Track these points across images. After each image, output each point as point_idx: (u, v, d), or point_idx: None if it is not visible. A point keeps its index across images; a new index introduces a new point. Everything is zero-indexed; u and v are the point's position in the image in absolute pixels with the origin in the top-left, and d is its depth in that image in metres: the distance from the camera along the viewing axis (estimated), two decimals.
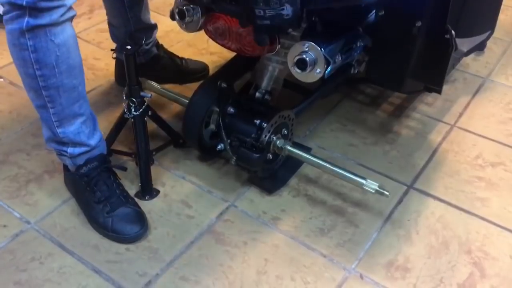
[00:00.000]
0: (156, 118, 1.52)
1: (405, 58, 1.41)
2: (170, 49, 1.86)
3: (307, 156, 1.39)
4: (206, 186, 1.47)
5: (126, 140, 1.57)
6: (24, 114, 1.70)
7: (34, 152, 1.56)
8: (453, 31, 1.32)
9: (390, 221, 1.38)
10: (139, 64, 1.73)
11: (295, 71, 1.27)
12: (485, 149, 1.61)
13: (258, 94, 1.46)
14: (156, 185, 1.46)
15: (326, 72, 1.26)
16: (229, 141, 1.39)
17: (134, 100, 1.37)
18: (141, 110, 1.38)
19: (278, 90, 1.49)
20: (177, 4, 1.33)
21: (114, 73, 1.86)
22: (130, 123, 1.44)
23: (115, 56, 1.50)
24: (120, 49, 1.32)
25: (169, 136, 1.58)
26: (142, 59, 1.74)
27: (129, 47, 1.32)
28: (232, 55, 1.54)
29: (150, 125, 1.48)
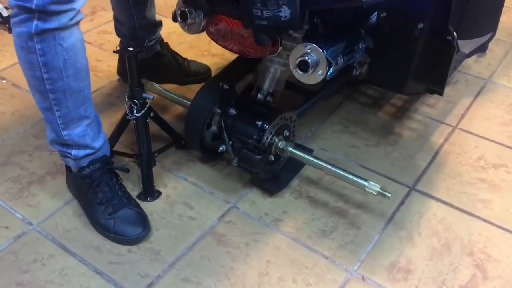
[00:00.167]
0: (158, 119, 1.52)
1: (406, 59, 1.41)
2: None
3: (309, 157, 1.39)
4: (208, 188, 1.47)
5: (128, 141, 1.57)
6: (26, 116, 1.70)
7: (36, 153, 1.56)
8: (455, 33, 1.32)
9: (392, 222, 1.38)
10: (141, 60, 1.74)
11: (297, 73, 1.27)
12: (487, 150, 1.61)
13: (260, 96, 1.46)
14: (158, 186, 1.46)
15: (328, 73, 1.26)
16: (231, 142, 1.39)
17: (136, 101, 1.38)
18: (143, 112, 1.39)
19: (280, 92, 1.50)
20: (179, 6, 1.34)
21: (117, 68, 1.86)
22: (132, 125, 1.44)
23: (117, 50, 1.49)
24: (122, 50, 1.32)
25: (171, 137, 1.58)
26: (144, 55, 1.74)
27: (131, 49, 1.33)
28: (234, 57, 1.54)
29: (152, 126, 1.48)
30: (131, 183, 1.46)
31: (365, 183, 1.30)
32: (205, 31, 1.35)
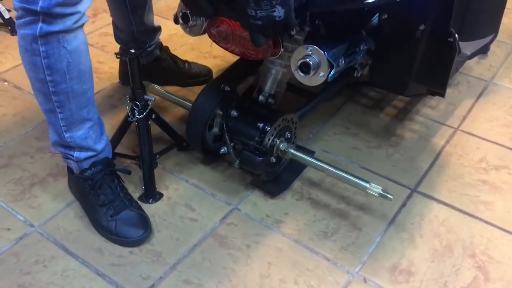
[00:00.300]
0: (159, 121, 1.52)
1: (408, 61, 1.41)
2: (173, 52, 1.86)
3: (311, 159, 1.39)
4: (210, 189, 1.47)
5: (129, 143, 1.57)
6: (28, 118, 1.71)
7: (38, 155, 1.57)
8: (456, 35, 1.32)
9: (393, 224, 1.38)
10: (141, 65, 1.74)
11: (299, 75, 1.27)
12: (489, 152, 1.61)
13: (261, 98, 1.46)
14: (159, 188, 1.46)
15: (330, 75, 1.26)
16: (232, 144, 1.39)
17: (138, 103, 1.38)
18: (144, 114, 1.39)
19: (281, 94, 1.50)
20: (180, 8, 1.34)
21: (118, 73, 1.86)
22: (133, 127, 1.44)
23: (119, 55, 1.50)
24: (124, 52, 1.32)
25: (172, 139, 1.58)
26: (144, 61, 1.74)
27: (133, 51, 1.33)
28: (235, 59, 1.54)
29: (154, 128, 1.48)
30: (133, 185, 1.46)
31: (366, 185, 1.29)
32: (206, 33, 1.35)
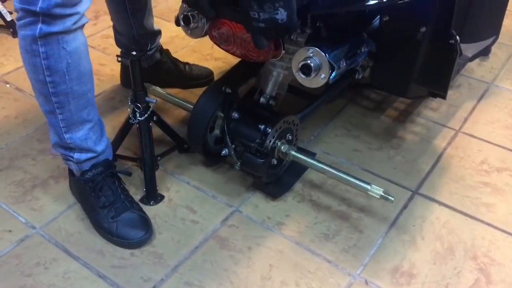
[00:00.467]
0: (161, 123, 1.52)
1: (409, 63, 1.41)
2: (174, 54, 1.87)
3: (312, 161, 1.39)
4: (211, 191, 1.47)
5: (131, 145, 1.58)
6: (29, 120, 1.71)
7: (39, 157, 1.57)
8: (457, 37, 1.32)
9: (395, 226, 1.38)
10: (142, 69, 1.74)
11: (300, 77, 1.27)
12: (490, 154, 1.61)
13: (262, 100, 1.46)
14: (160, 190, 1.46)
15: (331, 77, 1.26)
16: (233, 146, 1.39)
17: (139, 105, 1.38)
18: (146, 116, 1.39)
19: (282, 96, 1.50)
20: (182, 10, 1.34)
21: (120, 76, 1.87)
22: (135, 128, 1.44)
23: (120, 59, 1.50)
24: (125, 54, 1.33)
25: (173, 141, 1.58)
26: (145, 64, 1.74)
27: (134, 53, 1.33)
28: (236, 61, 1.55)
29: (155, 130, 1.48)
30: (134, 187, 1.46)
31: (368, 187, 1.29)
32: (207, 35, 1.35)
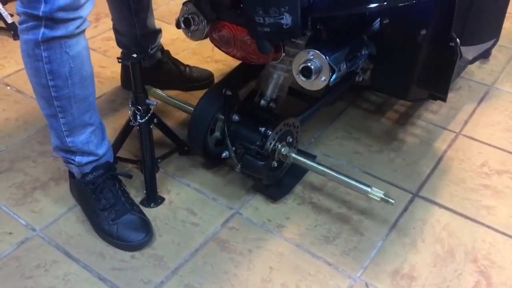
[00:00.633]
0: (161, 125, 1.52)
1: (410, 66, 1.41)
2: (175, 57, 1.87)
3: (312, 163, 1.39)
4: (211, 194, 1.47)
5: (131, 147, 1.58)
6: (30, 122, 1.71)
7: (40, 159, 1.57)
8: (458, 39, 1.32)
9: (395, 229, 1.38)
10: (143, 68, 1.74)
11: (300, 79, 1.27)
12: (490, 157, 1.61)
13: (263, 102, 1.46)
14: (161, 192, 1.46)
15: (331, 80, 1.26)
16: (234, 148, 1.39)
17: (140, 107, 1.38)
18: (146, 118, 1.39)
19: (283, 98, 1.50)
20: (182, 12, 1.34)
21: (120, 78, 1.87)
22: (135, 131, 1.45)
23: (121, 60, 1.50)
24: (126, 56, 1.33)
25: (174, 143, 1.58)
26: (146, 64, 1.74)
27: (135, 55, 1.33)
28: (237, 63, 1.55)
29: (156, 132, 1.48)
30: (135, 189, 1.46)
31: (368, 189, 1.29)
32: (208, 38, 1.36)
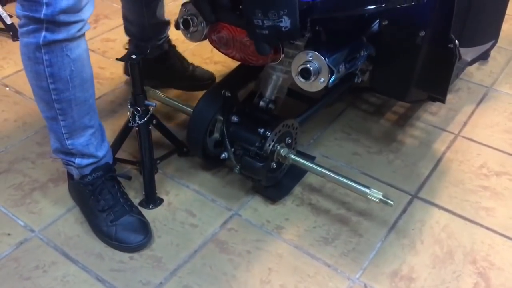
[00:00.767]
0: (160, 126, 1.52)
1: (408, 67, 1.41)
2: None
3: (311, 165, 1.39)
4: (210, 195, 1.47)
5: (130, 148, 1.58)
6: (29, 123, 1.71)
7: (39, 160, 1.57)
8: (456, 41, 1.33)
9: (394, 230, 1.38)
10: (147, 59, 1.75)
11: (299, 80, 1.27)
12: (489, 158, 1.61)
13: (262, 103, 1.46)
14: (160, 193, 1.46)
15: (330, 81, 1.26)
16: (233, 149, 1.39)
17: (139, 108, 1.38)
18: (145, 119, 1.39)
19: (282, 99, 1.50)
20: (181, 14, 1.34)
21: (123, 67, 1.86)
22: (134, 132, 1.44)
23: (121, 58, 1.50)
24: (125, 58, 1.33)
25: (173, 144, 1.58)
26: (151, 54, 1.75)
27: (134, 56, 1.33)
28: (236, 64, 1.55)
29: (155, 133, 1.48)
30: (133, 190, 1.46)
31: (367, 191, 1.29)
32: (207, 39, 1.36)
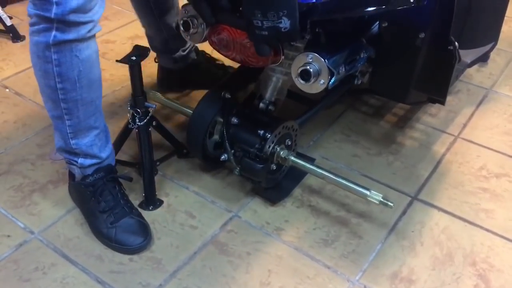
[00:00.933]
0: (160, 128, 1.52)
1: (408, 69, 1.41)
2: None
3: (311, 166, 1.39)
4: (210, 197, 1.47)
5: (130, 150, 1.58)
6: (29, 124, 1.71)
7: (38, 162, 1.57)
8: (456, 43, 1.33)
9: (394, 232, 1.38)
10: (178, 70, 1.74)
11: (299, 82, 1.27)
12: (489, 160, 1.61)
13: (262, 105, 1.46)
14: (159, 195, 1.46)
15: (330, 83, 1.26)
16: (232, 151, 1.39)
17: (139, 110, 1.38)
18: (145, 121, 1.39)
19: (281, 101, 1.50)
20: (181, 15, 1.35)
21: (156, 78, 1.87)
22: (134, 134, 1.44)
23: (121, 59, 1.50)
24: (126, 60, 1.33)
25: (173, 146, 1.58)
26: (181, 65, 1.76)
27: (134, 58, 1.33)
28: (236, 66, 1.55)
29: (154, 135, 1.48)
30: (133, 192, 1.46)
31: (367, 192, 1.29)
32: (207, 41, 1.36)
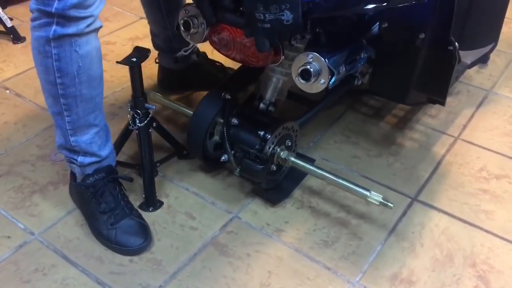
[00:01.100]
0: (160, 129, 1.52)
1: (408, 70, 1.41)
2: None
3: (311, 167, 1.39)
4: (210, 198, 1.47)
5: (130, 151, 1.58)
6: (29, 126, 1.71)
7: (38, 163, 1.57)
8: (456, 43, 1.33)
9: (394, 233, 1.37)
10: (178, 70, 1.73)
11: (299, 82, 1.27)
12: (489, 161, 1.61)
13: (262, 106, 1.46)
14: (160, 196, 1.46)
15: (330, 82, 1.26)
16: (233, 152, 1.39)
17: (139, 111, 1.38)
18: (145, 122, 1.39)
19: (282, 102, 1.50)
20: (182, 15, 1.35)
21: (157, 78, 1.87)
22: (134, 135, 1.44)
23: (121, 61, 1.51)
24: (126, 61, 1.33)
25: (173, 147, 1.58)
26: (182, 65, 1.76)
27: (134, 59, 1.33)
28: (236, 66, 1.55)
29: (155, 136, 1.48)
30: (133, 193, 1.46)
31: (367, 193, 1.29)
32: (208, 40, 1.36)
